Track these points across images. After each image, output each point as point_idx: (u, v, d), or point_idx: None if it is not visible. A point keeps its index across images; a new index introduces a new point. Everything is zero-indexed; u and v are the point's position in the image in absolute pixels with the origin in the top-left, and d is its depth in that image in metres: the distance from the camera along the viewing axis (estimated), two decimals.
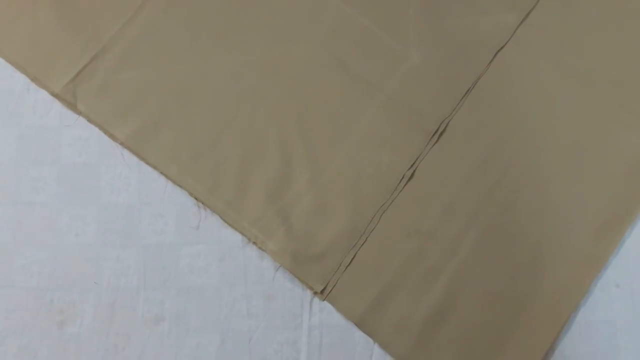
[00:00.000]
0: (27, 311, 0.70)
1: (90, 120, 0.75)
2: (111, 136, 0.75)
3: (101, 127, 0.75)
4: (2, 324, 0.70)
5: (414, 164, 0.73)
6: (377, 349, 0.68)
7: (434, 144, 0.74)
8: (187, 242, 0.72)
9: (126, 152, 0.75)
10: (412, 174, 0.73)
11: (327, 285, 0.69)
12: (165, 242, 0.72)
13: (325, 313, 0.70)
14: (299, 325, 0.69)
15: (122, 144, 0.74)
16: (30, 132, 0.76)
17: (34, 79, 0.77)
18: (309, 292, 0.70)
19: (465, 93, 0.76)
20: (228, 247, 0.72)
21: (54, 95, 0.76)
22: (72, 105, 0.76)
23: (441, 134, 0.74)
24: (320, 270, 0.70)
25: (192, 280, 0.71)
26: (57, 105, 0.77)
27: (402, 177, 0.73)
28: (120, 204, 0.74)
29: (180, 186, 0.73)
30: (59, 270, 0.71)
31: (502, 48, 0.78)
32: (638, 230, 0.72)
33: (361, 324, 0.68)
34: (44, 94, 0.78)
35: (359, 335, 0.69)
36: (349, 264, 0.70)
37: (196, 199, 0.73)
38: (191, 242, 0.72)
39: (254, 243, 0.71)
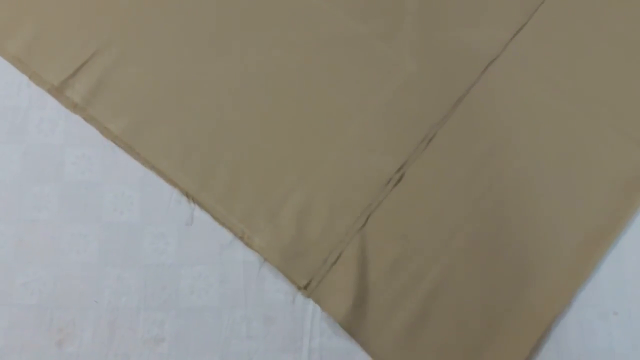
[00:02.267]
0: (27, 329, 0.70)
1: (86, 116, 0.77)
2: (106, 130, 0.76)
3: (97, 121, 0.77)
4: (2, 342, 0.69)
5: (402, 167, 0.75)
6: None
7: (422, 150, 0.76)
8: (188, 262, 0.73)
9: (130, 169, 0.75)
10: (400, 178, 0.74)
11: (311, 281, 0.70)
12: (166, 262, 0.73)
13: (325, 337, 0.70)
14: (299, 349, 0.69)
15: (116, 137, 0.76)
16: (34, 150, 0.77)
17: (33, 75, 0.79)
18: (309, 315, 0.71)
19: (456, 103, 0.78)
20: (229, 269, 0.72)
21: (53, 89, 0.78)
22: (68, 100, 0.78)
23: (430, 140, 0.76)
24: (305, 266, 0.71)
25: (192, 301, 0.71)
26: (62, 123, 0.78)
27: (390, 180, 0.74)
28: (123, 223, 0.74)
29: (172, 181, 0.75)
30: (59, 289, 0.71)
31: (493, 61, 0.80)
32: (636, 258, 0.73)
33: (343, 322, 0.69)
34: (49, 112, 0.78)
35: (359, 358, 0.69)
36: (334, 262, 0.71)
37: (187, 194, 0.74)
38: (192, 262, 0.73)
39: (241, 238, 0.72)
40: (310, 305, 0.71)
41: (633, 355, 0.69)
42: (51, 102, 0.79)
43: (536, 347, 0.68)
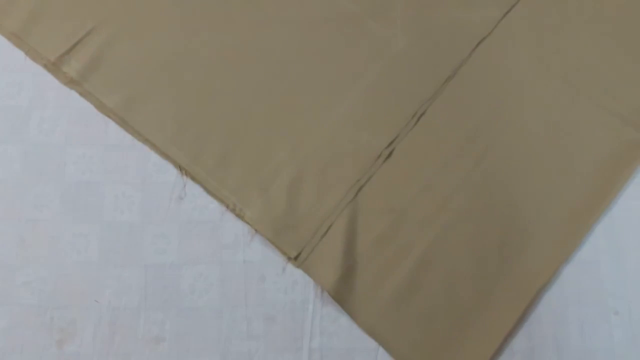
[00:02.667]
0: (28, 329, 0.70)
1: (82, 90, 0.79)
2: (101, 105, 0.78)
3: (92, 96, 0.79)
4: (2, 341, 0.69)
5: (391, 143, 0.76)
6: None
7: (413, 126, 0.77)
8: (189, 262, 0.73)
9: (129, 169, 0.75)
10: (390, 154, 0.76)
11: (301, 252, 0.72)
12: (166, 262, 0.73)
13: (325, 336, 0.70)
14: (300, 348, 0.69)
15: (110, 111, 0.78)
16: (35, 150, 0.77)
17: (30, 51, 0.81)
18: (310, 315, 0.71)
19: (446, 80, 0.79)
20: (229, 269, 0.72)
21: (50, 64, 0.80)
22: (65, 75, 0.79)
23: (420, 117, 0.77)
24: (296, 238, 0.72)
25: (192, 301, 0.71)
26: (62, 123, 0.78)
27: (380, 155, 0.75)
28: (123, 223, 0.74)
29: (164, 154, 0.76)
30: (60, 289, 0.72)
31: (483, 40, 0.82)
32: (637, 258, 0.73)
33: (332, 292, 0.70)
34: (50, 112, 0.79)
35: (359, 358, 0.69)
36: (324, 234, 0.72)
37: (180, 167, 0.75)
38: (192, 262, 0.73)
39: (232, 211, 0.73)
40: (311, 305, 0.71)
41: (633, 355, 0.69)
42: (52, 102, 0.79)
43: (523, 317, 0.70)
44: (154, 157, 0.77)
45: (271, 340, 0.70)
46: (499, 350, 0.69)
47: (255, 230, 0.73)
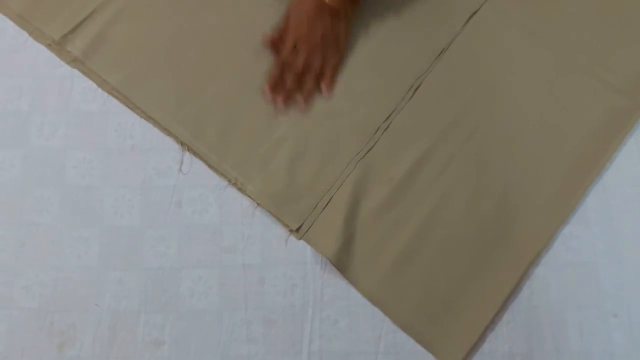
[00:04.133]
0: (28, 333, 0.70)
1: (85, 69, 0.81)
2: (104, 83, 0.80)
3: (95, 74, 0.80)
4: (3, 345, 0.70)
5: (389, 116, 0.78)
6: None
7: (409, 99, 0.79)
8: (188, 266, 0.73)
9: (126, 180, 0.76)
10: (388, 127, 0.78)
11: (302, 224, 0.73)
12: (166, 265, 0.73)
13: (325, 339, 0.70)
14: (299, 352, 0.70)
15: (113, 89, 0.79)
16: (35, 154, 0.77)
17: (34, 31, 0.82)
18: (309, 318, 0.71)
19: (440, 53, 0.81)
20: (229, 272, 0.72)
21: (54, 43, 0.81)
22: (69, 54, 0.81)
23: (416, 90, 0.79)
24: (297, 211, 0.74)
25: (192, 304, 0.71)
26: (62, 127, 0.78)
27: (378, 129, 0.77)
28: (123, 226, 0.74)
29: (167, 130, 0.77)
30: (60, 292, 0.72)
31: (476, 12, 0.84)
32: (636, 259, 0.73)
33: (334, 260, 0.72)
34: (50, 116, 0.79)
35: None
36: (325, 206, 0.74)
37: (181, 143, 0.77)
38: (192, 266, 0.73)
39: (234, 184, 0.75)
40: (310, 308, 0.71)
41: (633, 357, 0.69)
42: (52, 106, 0.80)
43: (519, 284, 0.71)
44: (154, 160, 0.77)
45: (271, 344, 0.70)
46: (499, 313, 0.70)
47: (257, 204, 0.75)
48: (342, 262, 0.72)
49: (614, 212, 0.75)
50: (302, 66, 0.78)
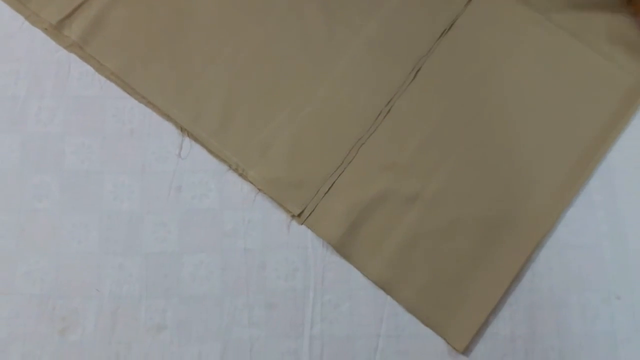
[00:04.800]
0: (30, 319, 0.70)
1: (83, 54, 0.80)
2: (102, 68, 0.79)
3: (93, 59, 0.80)
4: (5, 331, 0.70)
5: (391, 100, 0.77)
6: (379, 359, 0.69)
7: (410, 82, 0.78)
8: (189, 250, 0.73)
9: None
10: (390, 110, 0.77)
11: (304, 209, 0.73)
12: (167, 250, 0.73)
13: (326, 323, 0.70)
14: (301, 335, 0.70)
15: (112, 74, 0.79)
16: (33, 139, 0.77)
17: (31, 16, 0.81)
18: (310, 302, 0.71)
19: (442, 34, 0.81)
20: (230, 256, 0.72)
21: (51, 27, 0.80)
22: (66, 39, 0.80)
23: (417, 72, 0.79)
24: (299, 196, 0.74)
25: (194, 289, 0.71)
26: (60, 112, 0.78)
27: (380, 113, 0.77)
28: (123, 211, 0.74)
29: (166, 115, 0.77)
30: (61, 278, 0.72)
31: None
32: (639, 242, 0.73)
33: (338, 247, 0.72)
34: (47, 102, 0.78)
35: (360, 345, 0.69)
36: (327, 191, 0.74)
37: (181, 128, 0.76)
38: (193, 250, 0.72)
39: (235, 170, 0.74)
40: (311, 292, 0.71)
41: (635, 339, 0.69)
42: (49, 91, 0.79)
43: (526, 264, 0.71)
44: (153, 145, 0.77)
45: (272, 328, 0.70)
46: (505, 294, 0.70)
47: (259, 189, 0.74)
48: (346, 247, 0.72)
49: (618, 195, 0.75)
50: None
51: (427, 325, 0.70)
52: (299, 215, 0.73)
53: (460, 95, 0.78)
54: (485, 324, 0.70)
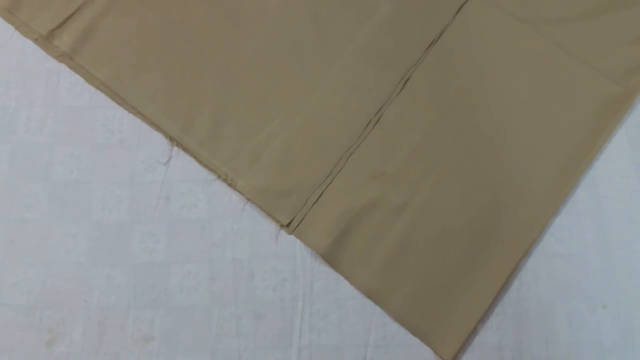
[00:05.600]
0: (17, 329, 0.70)
1: (72, 64, 0.80)
2: (92, 78, 0.79)
3: (83, 69, 0.80)
4: None
5: (380, 110, 0.78)
6: None
7: (399, 92, 0.79)
8: (178, 261, 0.72)
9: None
10: (378, 120, 0.78)
11: (293, 219, 0.73)
12: (155, 260, 0.72)
13: (315, 333, 0.70)
14: (289, 345, 0.69)
15: (102, 84, 0.79)
16: (22, 149, 0.77)
17: (21, 26, 0.82)
18: (299, 312, 0.71)
19: (431, 44, 0.82)
20: (218, 267, 0.72)
21: (41, 38, 0.81)
22: (56, 49, 0.80)
23: (406, 82, 0.79)
24: (288, 205, 0.74)
25: (182, 299, 0.71)
26: (50, 122, 0.78)
27: (369, 123, 0.77)
28: (112, 222, 0.74)
29: (155, 125, 0.77)
30: (48, 289, 0.71)
31: (466, 2, 0.84)
32: (625, 251, 0.73)
33: (326, 256, 0.72)
34: (37, 111, 0.78)
35: (348, 355, 0.69)
36: (316, 201, 0.74)
37: (170, 138, 0.76)
38: (181, 261, 0.72)
39: (224, 180, 0.74)
40: (300, 302, 0.71)
41: (622, 348, 0.69)
42: (39, 101, 0.79)
43: (513, 273, 0.71)
44: (142, 155, 0.77)
45: (260, 338, 0.70)
46: (493, 303, 0.70)
47: (247, 199, 0.74)
48: (334, 257, 0.72)
49: (604, 203, 0.75)
50: None
51: (415, 334, 0.70)
52: (288, 224, 0.73)
53: (448, 105, 0.78)
54: (472, 334, 0.70)
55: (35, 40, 0.81)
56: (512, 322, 0.70)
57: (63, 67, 0.80)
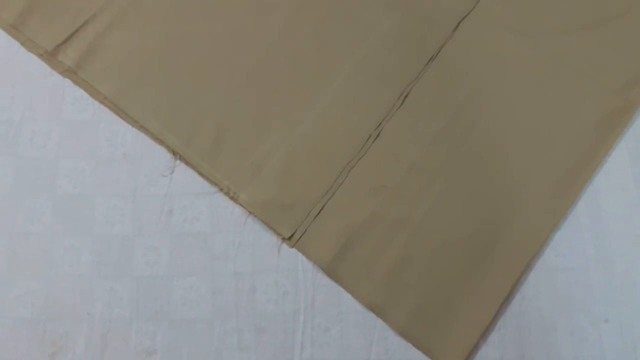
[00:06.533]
0: (20, 343, 0.70)
1: (77, 79, 0.81)
2: (96, 93, 0.80)
3: (87, 84, 0.81)
4: None
5: (380, 124, 0.78)
6: None
7: (399, 106, 0.80)
8: (180, 274, 0.73)
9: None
10: (379, 134, 0.78)
11: (295, 232, 0.73)
12: (157, 274, 0.73)
13: (317, 346, 0.70)
14: (291, 359, 0.70)
15: (106, 99, 0.80)
16: (27, 163, 0.77)
17: (26, 42, 0.83)
18: (300, 326, 0.71)
19: (430, 59, 0.82)
20: (220, 280, 0.72)
21: (46, 54, 0.82)
22: (61, 64, 0.81)
23: (406, 96, 0.80)
24: (289, 219, 0.74)
25: (184, 313, 0.71)
26: (54, 136, 0.79)
27: (369, 137, 0.78)
28: (114, 235, 0.74)
29: (158, 139, 0.78)
30: (52, 302, 0.72)
31: (465, 17, 0.84)
32: (626, 265, 0.73)
33: (328, 270, 0.72)
34: (41, 125, 0.79)
35: None
36: (318, 214, 0.74)
37: (173, 152, 0.77)
38: (183, 274, 0.73)
39: (226, 193, 0.75)
40: (302, 316, 0.71)
41: None
42: (44, 115, 0.80)
43: (515, 287, 0.71)
44: (145, 169, 0.78)
45: (262, 352, 0.70)
46: (495, 317, 0.70)
47: (249, 212, 0.75)
48: (336, 270, 0.72)
49: (605, 217, 0.75)
50: None
51: (417, 348, 0.70)
52: (290, 238, 0.74)
53: (447, 120, 0.79)
54: (474, 348, 0.70)
55: (40, 56, 0.82)
56: (513, 337, 0.70)
57: (67, 82, 0.81)
